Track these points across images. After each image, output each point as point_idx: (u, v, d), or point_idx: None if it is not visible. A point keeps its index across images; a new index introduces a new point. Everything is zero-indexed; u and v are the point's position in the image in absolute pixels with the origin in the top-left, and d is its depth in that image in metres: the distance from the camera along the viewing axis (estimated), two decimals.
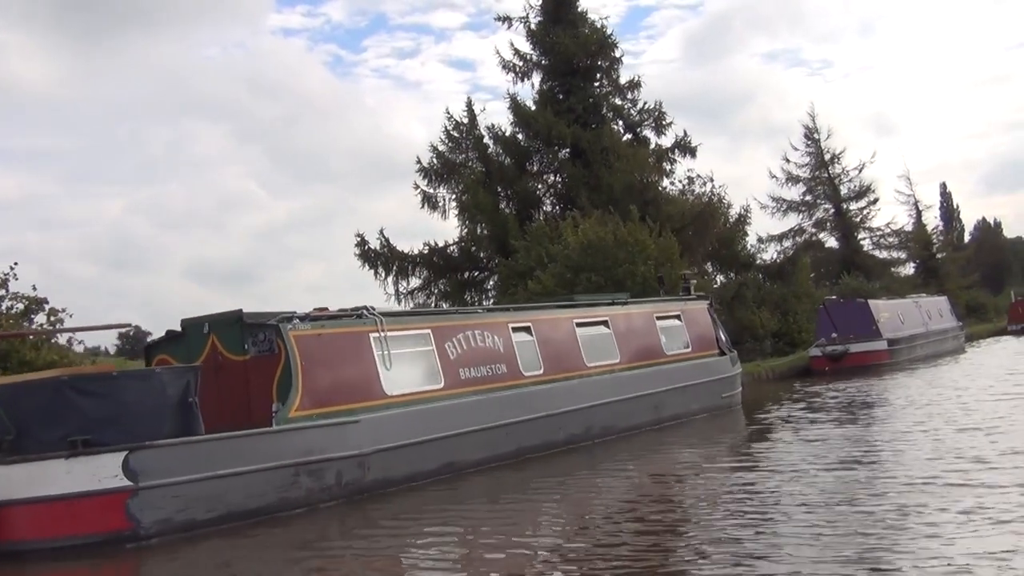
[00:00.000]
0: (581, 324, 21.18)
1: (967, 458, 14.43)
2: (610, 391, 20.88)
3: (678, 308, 24.59)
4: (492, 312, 19.70)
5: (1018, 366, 32.01)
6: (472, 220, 45.61)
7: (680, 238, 43.56)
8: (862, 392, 27.45)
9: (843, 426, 20.36)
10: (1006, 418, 18.77)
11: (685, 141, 47.40)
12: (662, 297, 25.94)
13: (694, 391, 23.52)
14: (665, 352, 23.24)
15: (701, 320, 25.11)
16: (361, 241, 45.28)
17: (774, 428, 21.56)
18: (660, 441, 20.45)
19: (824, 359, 36.84)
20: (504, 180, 45.48)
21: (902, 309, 41.21)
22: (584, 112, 45.66)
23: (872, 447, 16.74)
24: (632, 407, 21.36)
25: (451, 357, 17.85)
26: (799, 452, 17.06)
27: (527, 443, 18.56)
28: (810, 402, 26.33)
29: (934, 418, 19.91)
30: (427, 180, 46.35)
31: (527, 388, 19.09)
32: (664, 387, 22.49)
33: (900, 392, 26.40)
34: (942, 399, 23.52)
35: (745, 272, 47.46)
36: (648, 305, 23.93)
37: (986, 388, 25.22)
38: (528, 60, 47.21)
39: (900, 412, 21.78)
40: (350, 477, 15.31)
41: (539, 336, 19.91)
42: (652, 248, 37.02)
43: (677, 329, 24.13)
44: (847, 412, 22.95)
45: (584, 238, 37.12)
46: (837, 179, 62.85)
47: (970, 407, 21.25)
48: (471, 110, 46.75)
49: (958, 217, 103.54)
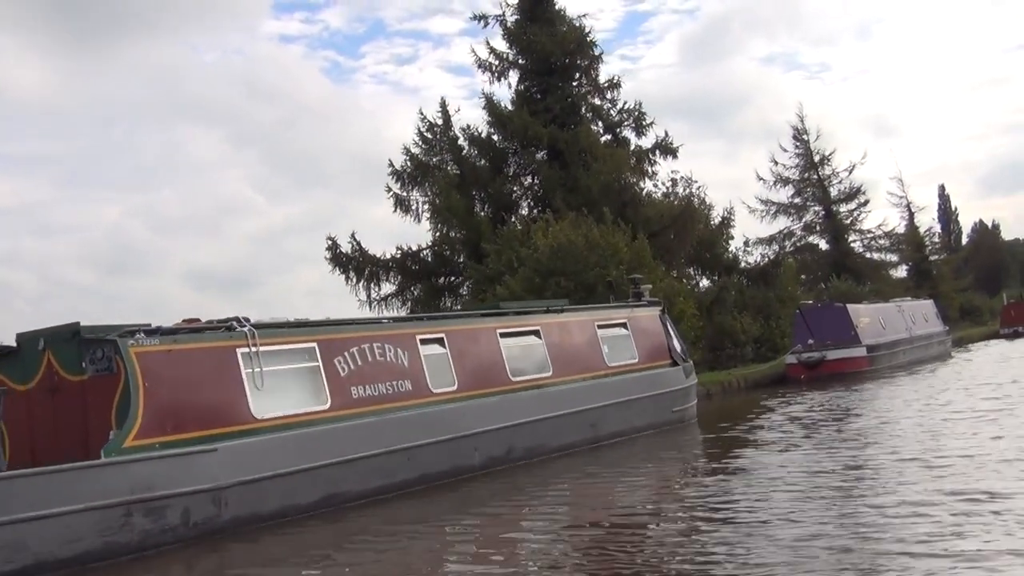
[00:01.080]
0: (506, 334, 18.80)
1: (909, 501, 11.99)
2: (538, 408, 18.49)
3: (624, 315, 22.16)
4: (398, 323, 17.31)
5: (997, 374, 29.51)
6: (445, 223, 43.41)
7: (660, 241, 41.55)
8: (829, 406, 24.99)
9: (791, 451, 17.90)
10: (951, 443, 16.39)
11: (666, 142, 44.90)
12: (607, 304, 23.45)
13: (640, 406, 21.08)
14: (607, 363, 20.82)
15: (651, 328, 22.68)
16: (332, 245, 43.01)
17: (725, 449, 19.20)
18: (592, 462, 18.06)
19: (800, 367, 34.29)
20: (478, 182, 43.18)
21: (883, 314, 38.55)
22: (561, 112, 43.31)
23: (815, 485, 14.25)
24: (564, 425, 18.96)
25: (341, 374, 15.47)
26: (741, 486, 14.62)
27: (434, 469, 16.19)
28: (775, 417, 23.90)
29: (887, 442, 17.49)
30: (400, 183, 44.11)
31: (436, 407, 16.71)
32: (604, 402, 20.07)
33: (867, 407, 23.87)
34: (904, 417, 21.04)
35: (728, 276, 44.98)
36: (588, 313, 21.49)
37: (953, 401, 22.77)
38: (504, 59, 44.84)
39: (855, 436, 19.28)
40: (201, 515, 12.94)
41: (454, 348, 17.52)
42: (625, 251, 34.80)
43: (622, 338, 21.71)
44: (807, 431, 20.51)
45: (554, 241, 34.94)
46: (827, 181, 60.24)
47: (926, 428, 18.80)
48: (445, 111, 44.46)
49: (956, 219, 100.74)
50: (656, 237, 41.38)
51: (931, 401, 23.50)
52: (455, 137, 44.09)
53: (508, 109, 43.79)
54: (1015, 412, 18.97)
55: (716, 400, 30.45)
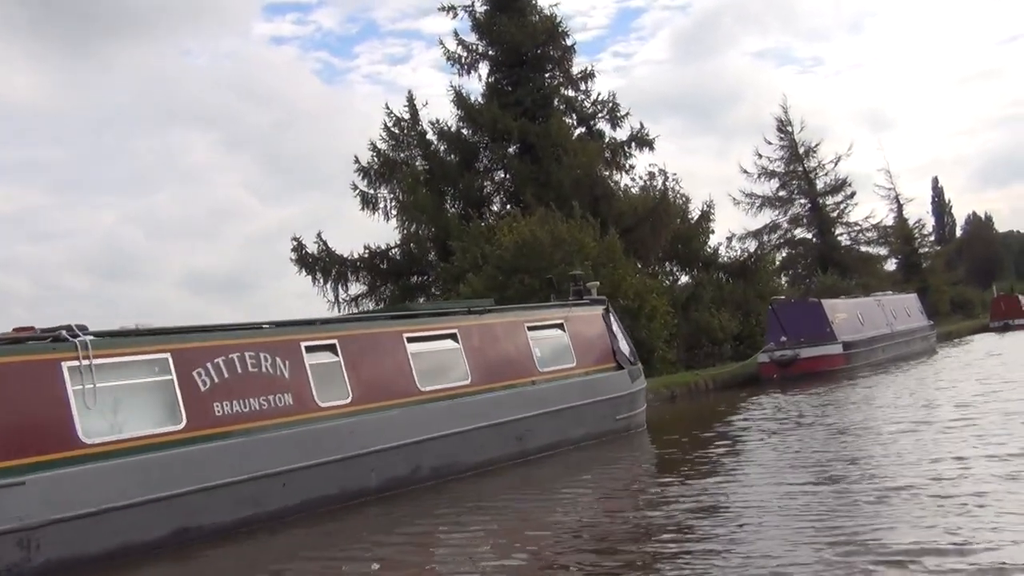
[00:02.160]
0: (415, 339, 16.44)
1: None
2: (451, 420, 16.14)
3: (560, 316, 19.76)
4: (281, 328, 14.89)
5: (980, 370, 27.17)
6: (412, 220, 41.17)
7: (635, 236, 39.35)
8: (793, 411, 22.60)
9: (739, 469, 15.59)
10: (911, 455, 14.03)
11: (641, 134, 42.70)
12: (542, 303, 21.11)
13: (577, 415, 18.69)
14: (538, 369, 18.46)
15: (592, 329, 20.31)
16: (298, 245, 40.79)
17: (668, 464, 16.94)
18: (512, 480, 15.77)
19: (772, 366, 31.88)
20: (447, 178, 40.93)
21: (862, 309, 36.00)
22: (533, 105, 41.07)
23: (758, 509, 11.91)
24: (484, 439, 16.60)
25: (201, 388, 13.13)
26: (678, 511, 12.29)
27: (319, 493, 13.87)
28: (735, 422, 21.59)
29: (838, 462, 15.12)
30: (366, 180, 41.85)
31: (323, 423, 14.37)
32: (533, 412, 17.69)
33: (833, 412, 21.44)
34: (868, 426, 18.67)
35: (706, 271, 42.61)
36: (517, 313, 19.11)
37: (926, 405, 20.37)
38: (474, 51, 42.61)
39: (813, 448, 16.94)
40: (3, 562, 10.65)
41: (348, 356, 15.18)
42: (592, 247, 32.59)
43: (558, 341, 19.35)
44: (760, 442, 18.18)
45: (518, 237, 32.76)
46: (813, 173, 57.72)
47: (887, 440, 16.43)
48: (412, 105, 42.24)
49: (950, 212, 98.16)
50: (630, 232, 39.28)
51: (893, 404, 21.16)
52: (423, 132, 41.97)
53: (479, 102, 41.65)
54: (979, 424, 16.51)
55: (680, 403, 28.14)
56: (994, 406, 18.28)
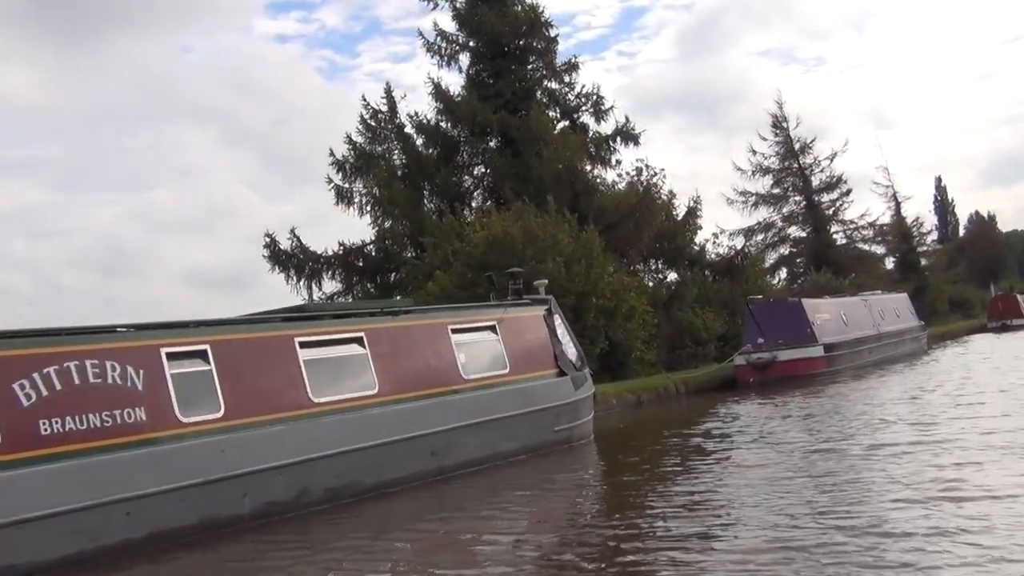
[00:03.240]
0: (310, 344, 14.24)
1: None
2: (350, 435, 13.93)
3: (493, 317, 17.53)
4: (137, 333, 12.64)
5: (963, 376, 24.77)
6: (386, 216, 39.08)
7: (618, 233, 37.18)
8: (761, 420, 20.32)
9: (686, 495, 13.34)
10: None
11: (627, 128, 40.51)
12: (471, 304, 18.85)
13: (507, 426, 16.45)
14: (463, 376, 16.23)
15: (531, 332, 18.06)
16: (271, 242, 38.73)
17: (607, 485, 14.77)
18: (418, 503, 13.59)
19: (749, 368, 29.54)
20: (423, 173, 38.77)
21: (846, 309, 33.47)
22: (514, 97, 38.93)
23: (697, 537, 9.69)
24: (390, 455, 14.38)
25: (23, 404, 10.96)
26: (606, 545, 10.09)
27: (174, 523, 11.70)
28: (695, 433, 19.36)
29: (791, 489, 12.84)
30: (342, 174, 39.76)
31: (185, 441, 12.19)
32: (452, 424, 15.47)
33: (800, 424, 19.08)
34: (835, 439, 16.37)
35: (691, 269, 40.28)
36: (439, 315, 16.87)
37: (891, 420, 17.97)
38: (454, 42, 40.38)
39: (774, 463, 14.67)
40: None
41: (223, 364, 12.96)
42: (566, 243, 30.46)
43: (488, 345, 17.11)
44: (717, 458, 15.95)
45: (489, 233, 30.68)
46: (808, 170, 55.21)
47: (854, 461, 14.15)
48: (390, 97, 40.16)
49: (952, 211, 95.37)
50: (613, 229, 37.09)
51: (861, 417, 18.79)
52: (401, 125, 39.84)
53: (460, 95, 39.51)
54: (952, 446, 14.07)
55: (647, 409, 25.85)
56: (960, 426, 15.68)
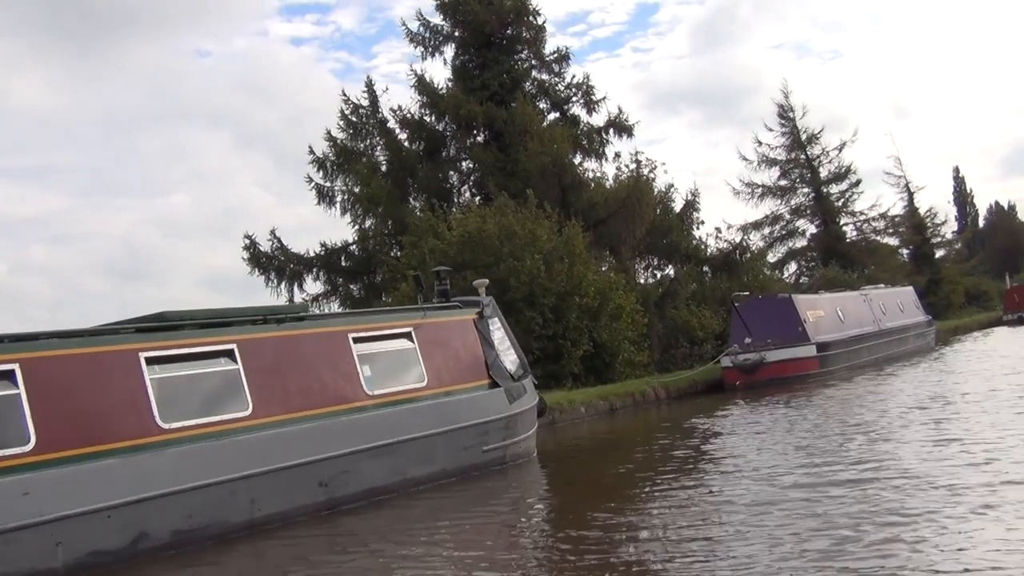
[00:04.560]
0: (159, 360, 11.72)
1: None
2: (209, 466, 11.41)
3: (408, 323, 14.95)
4: None
5: (970, 378, 21.98)
6: (367, 214, 36.67)
7: (609, 228, 34.69)
8: (739, 435, 17.68)
9: (632, 531, 10.74)
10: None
11: (620, 119, 37.85)
12: (382, 308, 16.25)
13: (421, 447, 13.89)
14: (367, 391, 13.69)
15: (456, 339, 15.48)
16: (251, 243, 36.34)
17: (526, 520, 12.20)
18: (285, 548, 11.07)
19: (735, 371, 26.79)
20: (405, 169, 36.32)
21: (843, 304, 30.48)
22: (500, 88, 36.35)
23: None
24: (266, 488, 11.88)
25: None
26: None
27: None
28: (662, 447, 16.78)
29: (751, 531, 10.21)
30: (322, 172, 37.38)
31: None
32: (349, 448, 12.93)
33: (770, 446, 16.36)
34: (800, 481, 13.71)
35: (687, 265, 37.56)
36: (338, 321, 14.25)
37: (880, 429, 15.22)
38: (438, 32, 37.86)
39: (746, 503, 12.05)
40: None
41: (36, 387, 10.45)
42: (545, 240, 28.05)
43: (401, 355, 14.53)
44: (682, 480, 13.32)
45: (464, 231, 28.30)
46: (816, 161, 52.17)
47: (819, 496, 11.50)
48: (372, 91, 37.63)
49: (971, 201, 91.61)
50: (603, 224, 34.57)
51: (851, 439, 16.11)
52: (384, 120, 37.38)
53: (444, 87, 37.05)
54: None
55: (619, 417, 23.19)
56: (945, 455, 12.91)
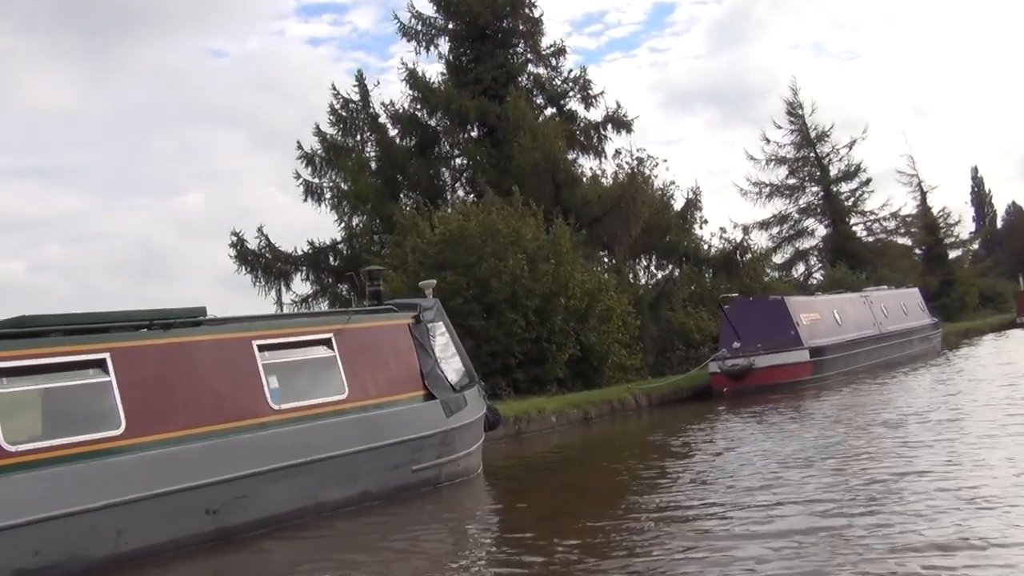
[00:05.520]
0: (8, 372, 10.08)
1: None
2: (63, 495, 9.74)
3: (327, 328, 13.19)
4: None
5: (977, 385, 20.04)
6: (357, 212, 35.11)
7: (604, 227, 33.09)
8: (718, 450, 15.86)
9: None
10: None
11: (618, 114, 36.11)
12: (301, 313, 14.41)
13: (335, 468, 12.12)
14: (272, 405, 11.95)
15: (387, 345, 13.73)
16: (238, 241, 34.80)
17: (452, 553, 10.47)
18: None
19: (723, 377, 24.88)
20: (395, 165, 34.70)
21: (841, 307, 28.44)
22: (494, 83, 34.67)
23: None
24: (138, 517, 10.20)
25: None
26: None
27: None
28: (628, 466, 14.98)
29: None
30: (311, 168, 35.84)
31: None
32: (243, 470, 11.22)
33: (749, 468, 14.52)
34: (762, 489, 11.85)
35: (684, 265, 35.75)
36: (240, 327, 12.40)
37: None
38: (432, 25, 36.21)
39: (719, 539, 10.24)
40: None
41: None
42: (530, 239, 26.43)
43: (318, 364, 12.79)
44: (644, 505, 11.54)
45: (446, 229, 26.71)
46: (825, 159, 50.13)
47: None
48: (363, 85, 36.11)
49: (990, 202, 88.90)
50: (599, 223, 32.93)
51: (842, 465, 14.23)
52: (375, 115, 35.79)
53: (437, 81, 35.41)
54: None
55: (593, 428, 21.34)
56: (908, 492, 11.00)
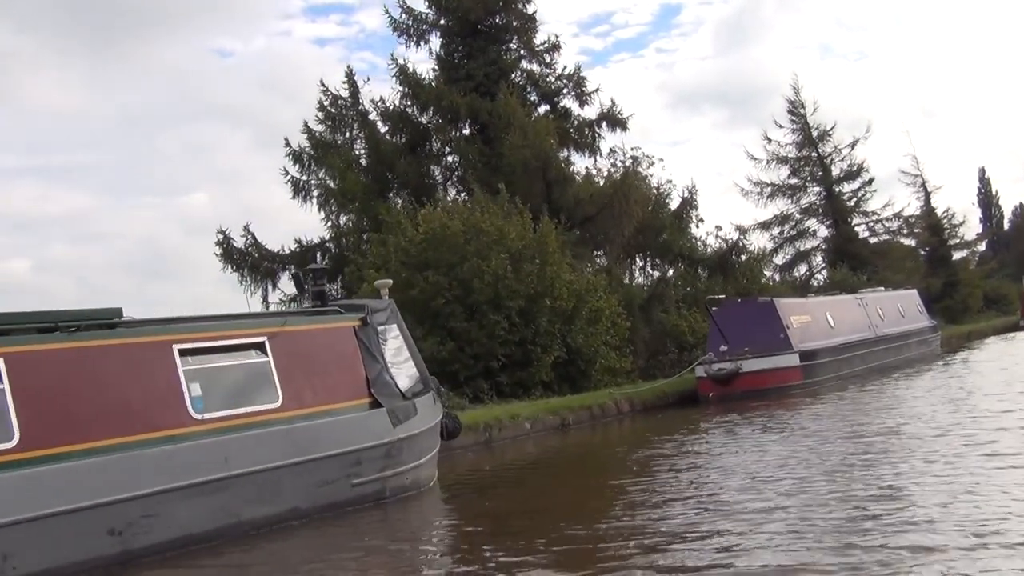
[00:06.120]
0: None
1: None
2: None
3: (260, 331, 12.04)
4: None
5: (974, 394, 18.85)
6: (344, 210, 34.15)
7: (596, 226, 32.17)
8: (694, 464, 14.73)
9: None
10: None
11: (613, 112, 35.09)
12: (228, 315, 13.20)
13: (265, 483, 11.04)
14: (192, 415, 10.89)
15: (328, 350, 12.58)
16: (224, 239, 33.86)
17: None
18: None
19: (708, 382, 23.69)
20: (383, 163, 33.70)
21: (833, 309, 27.20)
22: (486, 79, 33.67)
23: None
24: (26, 539, 9.15)
25: None
26: None
27: None
28: (599, 484, 13.92)
29: None
30: (298, 166, 34.92)
31: None
32: (156, 486, 10.14)
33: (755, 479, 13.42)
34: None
35: (678, 266, 34.67)
36: (158, 331, 11.27)
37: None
38: (423, 20, 35.19)
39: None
40: None
41: None
42: (514, 238, 25.47)
43: (248, 370, 11.67)
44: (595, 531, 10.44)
45: (428, 228, 25.77)
46: (828, 158, 48.80)
47: None
48: (352, 82, 35.11)
49: (997, 203, 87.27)
50: (590, 222, 31.94)
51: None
52: (364, 111, 34.79)
53: (427, 77, 34.38)
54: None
55: (570, 435, 20.21)
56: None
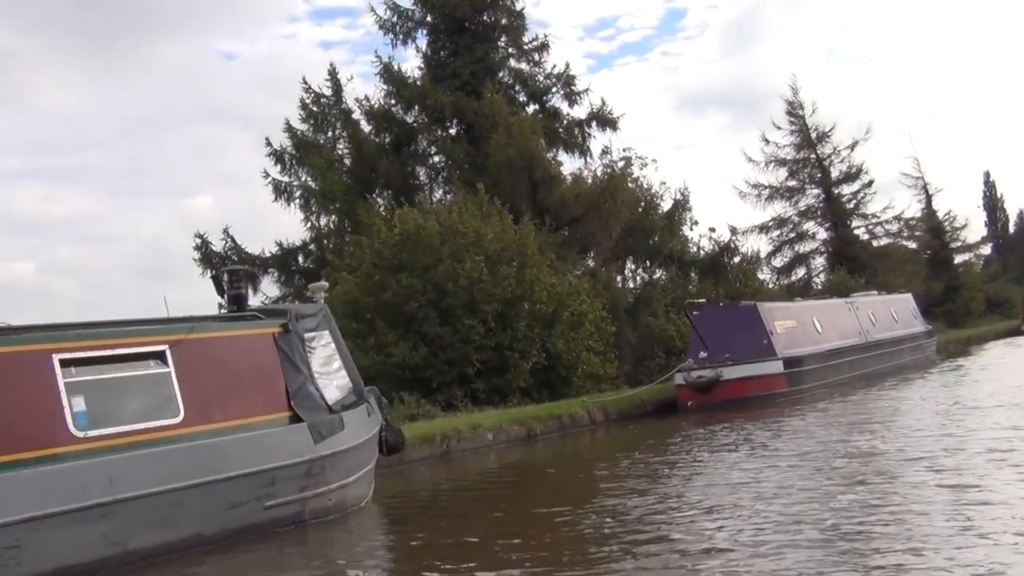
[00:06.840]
0: None
1: None
2: None
3: (160, 339, 10.76)
4: None
5: (966, 405, 17.45)
6: (324, 211, 33.05)
7: (583, 228, 31.01)
8: (668, 485, 13.41)
9: None
10: None
11: (603, 111, 33.94)
12: (129, 320, 11.84)
13: (158, 507, 9.74)
14: (73, 432, 9.57)
15: (241, 360, 11.27)
16: (202, 243, 32.80)
17: None
18: None
19: (688, 390, 22.30)
20: (365, 163, 32.54)
21: (820, 313, 25.74)
22: (472, 78, 32.49)
23: None
24: None
25: None
26: None
27: None
28: (557, 508, 12.63)
29: None
30: (280, 166, 33.82)
31: None
32: (23, 513, 8.83)
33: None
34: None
35: (669, 268, 33.39)
36: (35, 339, 9.94)
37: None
38: (409, 18, 34.02)
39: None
40: None
41: None
42: (491, 240, 24.28)
43: (144, 382, 10.38)
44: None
45: (402, 229, 24.57)
46: (827, 160, 47.40)
47: None
48: (335, 80, 34.13)
49: (1002, 207, 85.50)
50: (577, 223, 30.77)
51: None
52: (348, 110, 33.70)
53: (412, 76, 33.23)
54: None
55: (537, 447, 18.82)
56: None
